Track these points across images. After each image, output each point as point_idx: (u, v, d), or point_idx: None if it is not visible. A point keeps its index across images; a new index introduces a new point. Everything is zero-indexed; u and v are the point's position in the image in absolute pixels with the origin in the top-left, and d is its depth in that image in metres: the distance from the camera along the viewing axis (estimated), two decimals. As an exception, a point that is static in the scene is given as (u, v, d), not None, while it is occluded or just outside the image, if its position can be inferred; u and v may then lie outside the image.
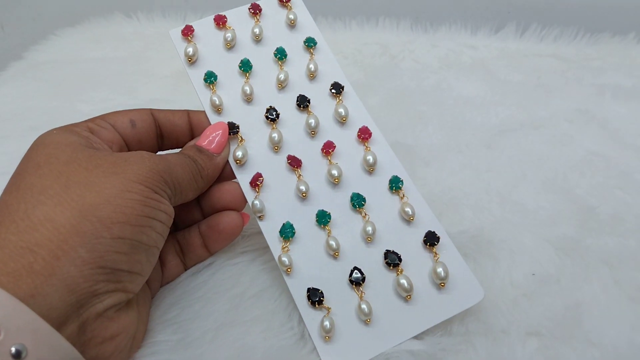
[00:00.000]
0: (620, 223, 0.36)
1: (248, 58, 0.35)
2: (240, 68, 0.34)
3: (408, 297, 0.28)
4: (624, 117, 0.47)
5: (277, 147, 0.32)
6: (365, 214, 0.31)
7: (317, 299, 0.28)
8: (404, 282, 0.28)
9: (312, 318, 0.28)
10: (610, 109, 0.48)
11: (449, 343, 0.28)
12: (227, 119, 0.33)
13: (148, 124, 0.31)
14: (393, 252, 0.30)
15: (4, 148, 0.43)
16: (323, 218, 0.31)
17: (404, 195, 0.32)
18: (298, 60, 0.35)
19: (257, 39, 0.35)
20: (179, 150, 0.31)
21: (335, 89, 0.34)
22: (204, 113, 0.33)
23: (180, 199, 0.29)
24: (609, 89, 0.51)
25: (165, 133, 0.32)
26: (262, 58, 0.35)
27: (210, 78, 0.34)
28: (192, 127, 0.32)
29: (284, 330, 0.29)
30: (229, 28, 0.35)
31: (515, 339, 0.28)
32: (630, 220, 0.36)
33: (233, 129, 0.32)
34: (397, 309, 0.29)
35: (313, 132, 0.33)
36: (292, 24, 0.36)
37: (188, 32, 0.35)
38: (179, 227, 0.33)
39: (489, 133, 0.45)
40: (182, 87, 0.53)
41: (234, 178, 0.32)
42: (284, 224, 0.30)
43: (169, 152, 0.30)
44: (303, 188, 0.31)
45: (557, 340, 0.28)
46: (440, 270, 0.29)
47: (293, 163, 0.32)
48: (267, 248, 0.31)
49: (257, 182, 0.31)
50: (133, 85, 0.54)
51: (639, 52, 0.60)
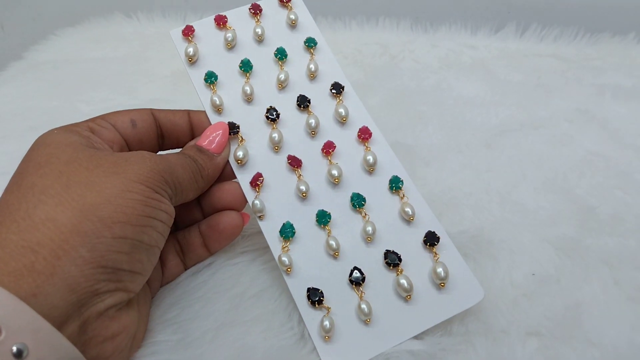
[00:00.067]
0: (620, 223, 0.36)
1: (248, 58, 0.35)
2: (241, 68, 0.34)
3: (408, 297, 0.28)
4: (624, 117, 0.47)
5: (277, 147, 0.33)
6: (365, 214, 0.31)
7: (317, 299, 0.28)
8: (404, 282, 0.28)
9: (312, 318, 0.28)
10: (610, 109, 0.48)
11: (449, 343, 0.28)
12: (227, 119, 0.33)
13: (149, 124, 0.31)
14: (393, 252, 0.30)
15: (4, 148, 0.43)
16: (323, 218, 0.31)
17: (404, 195, 0.32)
18: (298, 61, 0.35)
19: (259, 39, 0.35)
20: (180, 150, 0.31)
21: (336, 89, 0.34)
22: (205, 113, 0.33)
23: (181, 199, 0.29)
24: (609, 89, 0.51)
25: (166, 133, 0.32)
26: (262, 58, 0.35)
27: (211, 78, 0.34)
28: (192, 127, 0.32)
29: (284, 330, 0.29)
30: (230, 28, 0.35)
31: (515, 339, 0.28)
32: (630, 220, 0.36)
33: (233, 129, 0.32)
34: (397, 309, 0.29)
35: (313, 132, 0.33)
36: (292, 24, 0.36)
37: (188, 32, 0.35)
38: (179, 226, 0.33)
39: (489, 133, 0.45)
40: (182, 87, 0.53)
41: (234, 178, 0.32)
42: (284, 224, 0.30)
43: (170, 152, 0.30)
44: (303, 188, 0.31)
45: (557, 340, 0.28)
46: (440, 270, 0.29)
47: (293, 163, 0.32)
48: (267, 248, 0.31)
49: (257, 182, 0.31)
50: (133, 85, 0.54)
51: (639, 52, 0.60)
